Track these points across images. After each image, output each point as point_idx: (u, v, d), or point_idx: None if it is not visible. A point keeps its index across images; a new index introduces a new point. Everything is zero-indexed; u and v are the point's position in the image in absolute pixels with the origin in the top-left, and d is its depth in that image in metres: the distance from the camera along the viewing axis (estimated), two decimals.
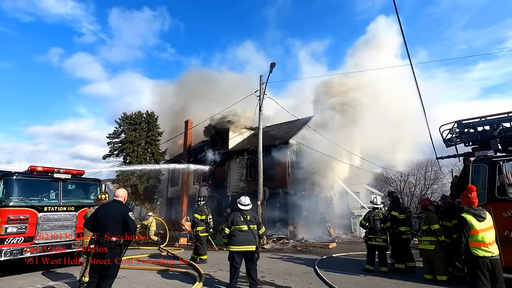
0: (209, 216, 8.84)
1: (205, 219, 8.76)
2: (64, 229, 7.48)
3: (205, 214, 8.82)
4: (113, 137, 22.49)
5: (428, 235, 6.05)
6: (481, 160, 5.85)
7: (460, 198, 4.68)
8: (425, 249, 6.07)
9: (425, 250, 6.08)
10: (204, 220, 8.74)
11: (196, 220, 8.75)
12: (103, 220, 4.46)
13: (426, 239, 6.08)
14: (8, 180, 7.01)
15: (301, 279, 6.45)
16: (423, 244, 6.12)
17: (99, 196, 6.24)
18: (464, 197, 4.48)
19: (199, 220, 8.69)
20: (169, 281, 6.37)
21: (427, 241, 6.06)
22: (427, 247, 6.03)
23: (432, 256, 5.96)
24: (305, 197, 17.52)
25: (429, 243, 6.00)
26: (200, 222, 8.68)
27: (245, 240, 5.40)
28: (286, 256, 9.95)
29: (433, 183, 35.78)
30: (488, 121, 6.43)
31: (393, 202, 7.77)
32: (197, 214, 8.79)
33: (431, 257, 5.99)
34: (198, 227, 8.62)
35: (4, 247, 6.46)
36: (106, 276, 4.30)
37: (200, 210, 8.86)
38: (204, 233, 8.67)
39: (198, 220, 8.70)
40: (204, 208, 8.95)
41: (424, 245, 6.10)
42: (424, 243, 6.10)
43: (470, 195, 4.37)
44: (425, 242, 6.08)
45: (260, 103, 14.41)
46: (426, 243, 6.05)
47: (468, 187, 4.49)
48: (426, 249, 6.05)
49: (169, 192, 25.24)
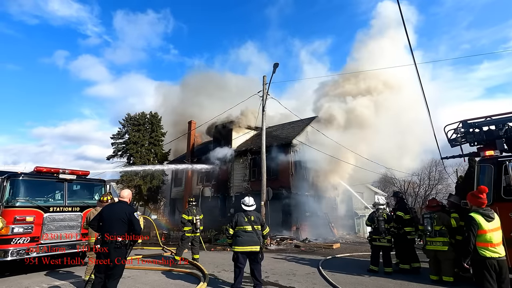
0: (197, 217, 8.94)
1: (191, 220, 8.88)
2: (69, 229, 7.53)
3: (192, 215, 8.95)
4: (117, 138, 22.63)
5: (441, 236, 5.90)
6: (486, 160, 5.80)
7: (467, 198, 4.58)
8: (436, 250, 5.90)
9: (436, 251, 5.92)
10: (191, 221, 8.87)
11: (183, 220, 8.98)
12: (108, 220, 4.50)
13: (438, 240, 5.90)
14: (14, 180, 7.07)
15: (305, 280, 6.44)
16: (435, 245, 5.93)
17: (102, 198, 6.25)
18: (473, 197, 4.39)
19: (186, 221, 8.88)
20: (173, 281, 6.39)
21: (439, 242, 5.88)
22: (439, 248, 5.86)
23: (443, 257, 5.83)
24: (308, 197, 17.48)
25: (442, 244, 5.84)
26: (187, 223, 8.86)
27: (249, 240, 5.40)
28: (290, 256, 9.94)
29: (437, 183, 35.46)
30: (494, 121, 6.36)
31: (398, 202, 7.71)
32: (185, 215, 9.05)
33: (441, 258, 5.86)
34: (185, 227, 8.83)
35: (11, 247, 6.52)
36: (111, 276, 4.33)
37: (188, 211, 9.09)
38: (191, 233, 8.80)
39: (185, 220, 8.90)
40: (193, 209, 9.10)
41: (435, 246, 5.92)
42: (437, 244, 5.91)
43: (481, 196, 4.29)
44: (438, 243, 5.90)
45: (263, 103, 14.41)
46: (439, 244, 5.88)
47: (479, 188, 4.40)
48: (438, 250, 5.87)
49: (173, 193, 25.33)
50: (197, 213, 9.06)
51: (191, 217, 8.88)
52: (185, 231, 8.76)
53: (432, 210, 6.29)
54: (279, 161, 17.37)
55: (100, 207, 5.97)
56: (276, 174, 17.65)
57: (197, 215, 9.01)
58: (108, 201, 6.04)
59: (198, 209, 9.35)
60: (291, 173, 17.30)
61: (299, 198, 16.78)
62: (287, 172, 17.36)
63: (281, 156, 17.31)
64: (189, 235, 8.75)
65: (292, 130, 20.05)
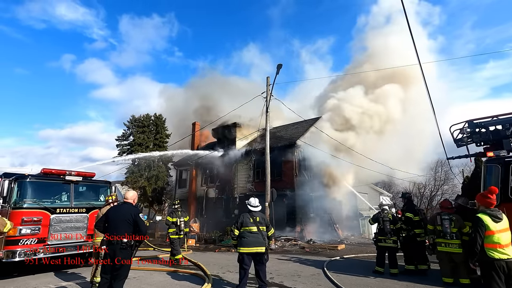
0: (181, 219, 8.96)
1: (175, 222, 8.91)
2: (75, 230, 7.61)
3: (177, 217, 8.98)
4: (122, 140, 22.79)
5: (457, 238, 5.75)
6: (493, 160, 5.74)
7: (476, 198, 4.51)
8: (452, 252, 5.75)
9: (451, 253, 5.77)
10: (175, 223, 8.90)
11: (167, 222, 9.07)
12: (114, 221, 4.54)
13: (455, 242, 5.75)
14: (22, 182, 7.17)
15: (310, 281, 6.41)
16: (451, 247, 5.76)
17: (107, 198, 6.36)
18: (482, 198, 4.33)
19: (170, 223, 8.94)
20: (178, 282, 6.42)
21: (456, 244, 5.73)
22: (455, 251, 5.72)
23: (459, 260, 5.68)
24: (312, 198, 17.42)
25: (458, 246, 5.70)
26: (171, 225, 8.91)
27: (254, 241, 5.40)
28: (295, 257, 9.92)
29: (443, 183, 35.14)
30: (501, 120, 6.29)
31: (406, 203, 7.59)
32: (169, 217, 9.15)
33: (457, 260, 5.71)
34: (169, 229, 8.89)
35: (19, 248, 6.61)
36: (117, 277, 4.37)
37: (172, 212, 9.16)
38: (175, 236, 8.82)
39: (170, 222, 8.97)
40: (178, 211, 9.14)
41: (451, 248, 5.76)
42: (453, 246, 5.75)
43: (491, 196, 4.23)
44: (454, 245, 5.75)
45: (267, 104, 14.42)
46: (455, 246, 5.73)
47: (490, 188, 4.32)
48: (454, 252, 5.73)
49: (177, 194, 25.40)
50: (181, 215, 9.10)
51: (175, 219, 8.94)
52: (169, 233, 8.85)
53: (448, 212, 6.09)
54: (283, 162, 17.34)
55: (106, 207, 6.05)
56: (280, 175, 17.62)
57: (182, 217, 9.04)
58: (112, 200, 6.12)
59: (183, 211, 9.40)
60: (295, 174, 17.25)
61: (303, 199, 16.73)
62: (291, 173, 17.32)
63: (285, 157, 17.28)
64: (173, 237, 8.79)
65: (296, 131, 20.01)
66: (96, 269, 5.67)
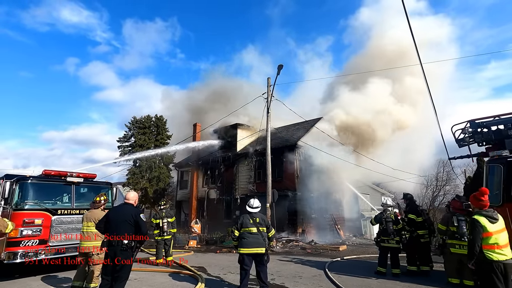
0: (164, 220, 8.96)
1: (158, 223, 8.93)
2: (76, 232, 7.58)
3: (160, 218, 9.00)
4: (123, 141, 22.88)
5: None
6: (495, 160, 5.71)
7: (470, 201, 4.42)
8: (463, 254, 5.54)
9: (462, 255, 5.60)
10: (158, 224, 8.94)
11: (152, 224, 9.14)
12: (114, 222, 4.53)
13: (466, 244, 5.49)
14: (23, 184, 7.18)
15: (311, 282, 6.39)
16: (464, 249, 5.54)
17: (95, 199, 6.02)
18: (475, 200, 4.25)
19: (155, 225, 9.00)
20: (179, 283, 6.41)
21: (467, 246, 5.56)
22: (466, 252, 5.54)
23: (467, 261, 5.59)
24: (314, 199, 17.37)
25: None
26: (155, 226, 8.97)
27: (254, 242, 5.39)
28: (296, 258, 9.89)
29: (445, 184, 34.97)
30: (503, 120, 6.26)
31: (409, 204, 7.52)
32: (153, 218, 9.24)
33: (466, 262, 5.42)
34: (154, 231, 8.98)
35: (20, 249, 6.60)
36: (118, 278, 4.36)
37: (156, 214, 9.23)
38: (158, 237, 8.85)
39: (154, 224, 9.04)
40: (162, 212, 9.15)
41: (464, 250, 5.52)
42: (466, 248, 5.46)
43: (483, 198, 4.15)
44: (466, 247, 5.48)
45: (268, 105, 14.41)
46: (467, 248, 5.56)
47: (480, 190, 4.24)
48: (465, 254, 5.46)
49: (179, 195, 25.42)
50: (165, 215, 9.10)
51: (158, 221, 8.97)
52: (154, 234, 8.95)
53: (459, 213, 5.91)
54: (284, 162, 17.32)
55: (93, 208, 5.94)
56: (281, 175, 17.60)
57: (165, 218, 9.04)
58: (101, 201, 5.95)
59: (168, 212, 9.39)
60: (297, 175, 17.22)
61: (304, 200, 16.68)
62: (292, 174, 17.29)
63: (286, 157, 17.25)
64: (158, 238, 8.83)
65: (297, 132, 19.98)
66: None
